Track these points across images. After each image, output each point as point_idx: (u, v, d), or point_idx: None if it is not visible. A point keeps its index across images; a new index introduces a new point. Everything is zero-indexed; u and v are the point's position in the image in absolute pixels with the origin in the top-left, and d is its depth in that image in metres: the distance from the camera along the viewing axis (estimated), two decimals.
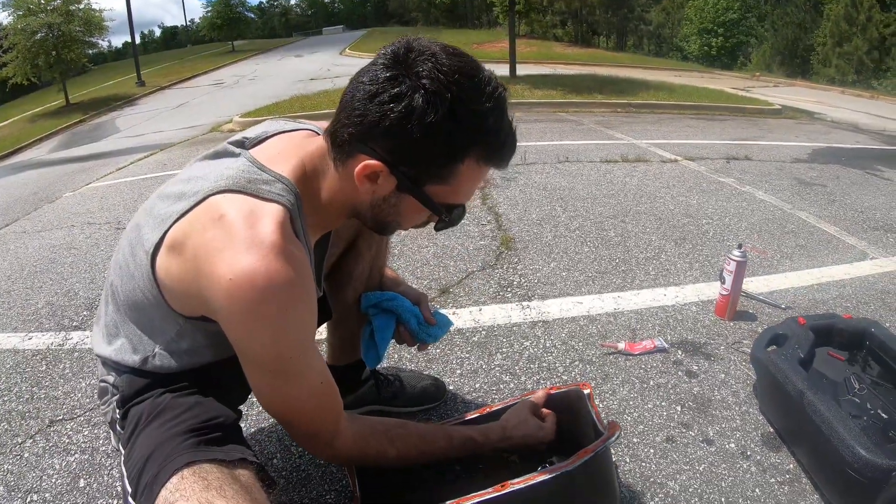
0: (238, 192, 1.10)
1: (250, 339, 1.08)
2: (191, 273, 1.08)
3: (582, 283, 3.01)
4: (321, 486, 1.70)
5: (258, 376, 1.15)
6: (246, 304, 1.02)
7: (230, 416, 1.23)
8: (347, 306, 1.75)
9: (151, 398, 1.22)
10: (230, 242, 1.03)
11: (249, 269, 1.01)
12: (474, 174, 1.14)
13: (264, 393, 1.17)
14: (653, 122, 8.76)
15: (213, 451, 1.08)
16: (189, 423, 1.13)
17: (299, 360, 1.14)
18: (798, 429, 1.81)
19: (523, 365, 2.27)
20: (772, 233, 3.89)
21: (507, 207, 4.15)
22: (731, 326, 2.62)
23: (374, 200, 1.16)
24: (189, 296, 1.12)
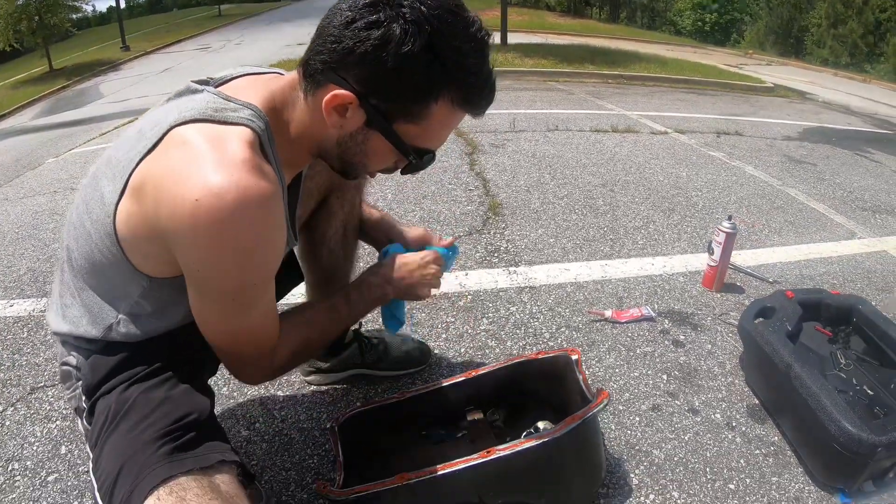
0: (204, 120, 1.02)
1: (214, 267, 1.01)
2: (150, 207, 0.99)
3: (569, 250, 2.97)
4: (304, 450, 1.67)
5: (211, 305, 1.09)
6: (214, 227, 0.94)
7: (203, 407, 1.14)
8: (323, 268, 1.70)
9: (118, 391, 1.14)
10: (195, 163, 0.96)
11: (218, 188, 0.93)
12: (447, 117, 1.09)
13: (212, 323, 1.12)
14: (644, 94, 8.69)
15: (188, 459, 1.01)
16: (160, 426, 1.05)
17: (259, 289, 1.09)
18: (784, 401, 1.80)
19: (509, 330, 2.23)
20: (760, 208, 3.86)
21: (495, 173, 4.09)
22: (719, 298, 2.60)
23: (341, 136, 1.10)
24: (150, 239, 1.03)
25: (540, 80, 9.16)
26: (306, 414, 1.80)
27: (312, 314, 1.35)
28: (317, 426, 1.74)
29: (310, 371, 1.91)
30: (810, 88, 11.90)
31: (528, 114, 6.16)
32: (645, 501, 1.55)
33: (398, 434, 1.61)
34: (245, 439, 1.68)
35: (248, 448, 1.65)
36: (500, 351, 2.10)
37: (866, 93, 12.53)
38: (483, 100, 1.11)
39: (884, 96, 12.27)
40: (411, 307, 2.33)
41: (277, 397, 1.86)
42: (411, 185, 3.75)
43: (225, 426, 1.66)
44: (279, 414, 1.80)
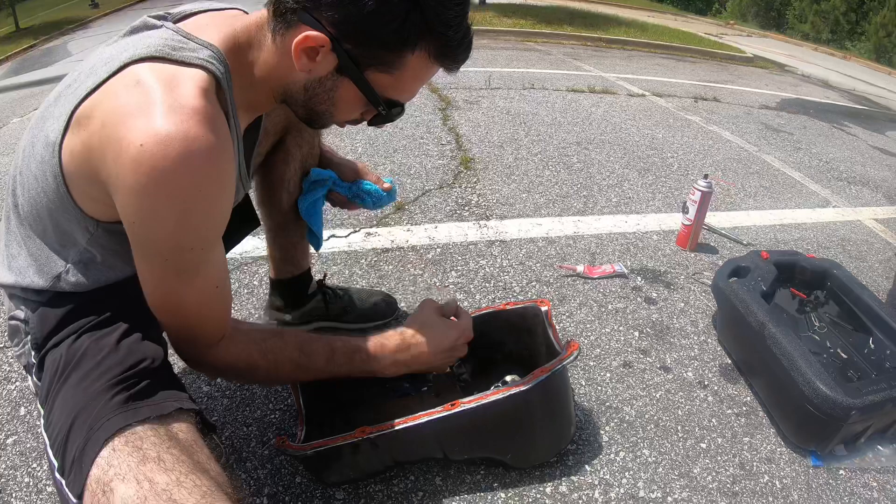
0: (160, 59, 0.94)
1: (151, 220, 0.93)
2: (96, 145, 0.92)
3: (542, 205, 2.90)
4: (266, 405, 1.58)
5: (148, 265, 1.00)
6: (154, 175, 0.87)
7: (157, 353, 1.08)
8: (283, 212, 1.61)
9: (67, 342, 1.06)
10: (145, 106, 0.88)
11: (164, 135, 0.86)
12: (421, 69, 1.04)
13: (151, 286, 1.03)
14: (622, 57, 8.58)
15: (144, 406, 0.94)
16: (113, 374, 0.98)
17: (200, 254, 1.00)
18: (758, 361, 1.76)
19: (478, 283, 2.16)
20: (736, 171, 3.83)
21: (469, 129, 3.98)
22: (692, 257, 2.55)
23: (309, 82, 1.03)
24: (92, 177, 0.95)
25: (517, 40, 8.99)
26: None
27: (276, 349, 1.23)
28: None
29: (272, 323, 1.83)
30: (789, 61, 11.87)
31: (504, 72, 6.04)
32: (615, 458, 1.50)
33: (361, 388, 1.52)
34: (206, 395, 1.59)
35: (208, 404, 1.57)
36: (469, 304, 2.03)
37: (845, 69, 12.55)
38: (460, 55, 1.05)
39: (862, 73, 12.30)
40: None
41: None
42: (382, 138, 3.63)
43: (186, 381, 1.59)
44: None
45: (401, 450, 1.31)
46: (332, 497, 1.33)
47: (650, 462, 1.51)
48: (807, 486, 1.52)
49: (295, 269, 1.75)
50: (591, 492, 1.40)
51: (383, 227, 2.51)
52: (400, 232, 2.47)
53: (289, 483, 1.36)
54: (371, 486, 1.36)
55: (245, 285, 2.02)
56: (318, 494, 1.34)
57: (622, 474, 1.46)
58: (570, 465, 1.46)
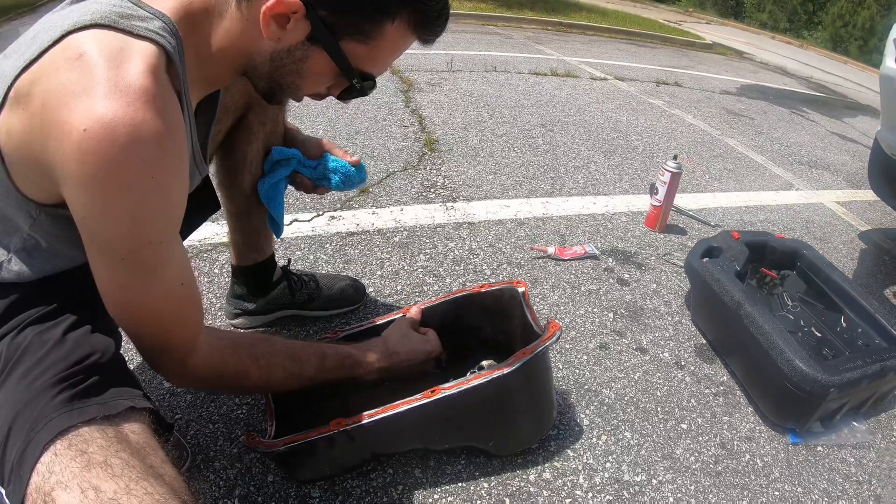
0: (106, 27, 0.84)
1: (102, 215, 0.84)
2: (36, 127, 0.83)
3: (509, 187, 2.85)
4: (231, 400, 1.48)
5: (105, 267, 0.91)
6: (102, 165, 0.78)
7: (107, 346, 0.98)
8: (245, 195, 1.51)
9: (9, 337, 0.96)
10: (89, 86, 0.79)
11: (109, 119, 0.77)
12: (398, 41, 0.98)
13: (110, 291, 0.93)
14: (583, 42, 8.56)
15: (91, 406, 0.86)
16: (57, 370, 0.89)
17: (160, 249, 0.91)
18: (734, 340, 1.75)
19: (448, 266, 2.10)
20: (700, 154, 3.85)
21: (432, 111, 3.90)
22: (662, 238, 2.54)
23: (276, 51, 0.95)
24: (33, 162, 0.86)
25: (478, 24, 8.90)
26: None
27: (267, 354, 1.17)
28: None
29: (235, 314, 1.72)
30: (748, 49, 12.01)
31: (466, 55, 5.97)
32: (597, 442, 1.46)
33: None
34: (167, 391, 1.49)
35: (170, 401, 1.47)
36: (439, 288, 1.97)
37: (802, 57, 12.76)
38: (439, 26, 1.00)
39: (819, 62, 12.53)
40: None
41: None
42: (344, 119, 3.54)
43: (144, 378, 1.50)
44: None
45: (379, 442, 1.25)
46: (307, 495, 1.26)
47: (632, 445, 1.48)
48: (787, 462, 1.52)
49: (258, 255, 1.65)
50: (576, 477, 1.36)
51: (347, 210, 2.42)
52: (365, 215, 2.39)
53: (261, 482, 1.28)
54: (348, 481, 1.30)
55: (205, 273, 1.91)
56: (293, 493, 1.26)
57: (605, 458, 1.43)
58: (552, 451, 1.41)
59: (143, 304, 0.94)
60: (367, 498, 1.27)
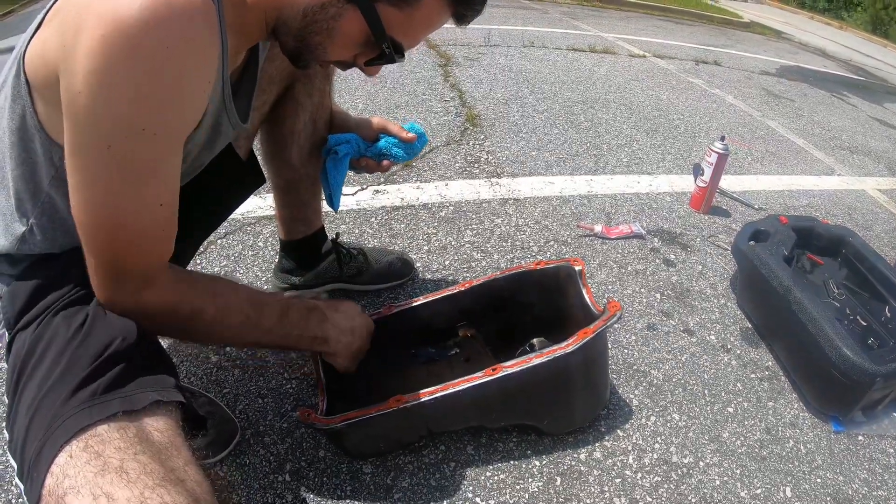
0: None
1: (100, 86, 0.74)
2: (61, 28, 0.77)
3: (552, 163, 2.84)
4: (280, 374, 1.49)
5: (84, 156, 0.80)
6: (115, 28, 0.71)
7: (130, 327, 0.90)
8: (294, 169, 1.50)
9: (35, 324, 0.92)
10: None
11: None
12: (435, 14, 0.95)
13: (83, 187, 0.82)
14: (620, 18, 8.42)
15: (112, 400, 0.80)
16: (79, 363, 0.83)
17: (153, 144, 0.82)
18: (781, 325, 1.74)
19: (495, 242, 2.10)
20: (742, 136, 3.80)
21: (471, 86, 3.88)
22: (707, 220, 2.52)
23: (309, 6, 0.91)
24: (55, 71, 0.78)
25: None
26: None
27: (226, 295, 1.06)
28: None
29: (283, 288, 1.73)
30: (786, 28, 11.74)
31: (503, 29, 5.91)
32: (646, 423, 1.48)
33: (383, 353, 1.44)
34: (215, 365, 1.50)
35: (218, 375, 1.47)
36: (487, 264, 1.98)
37: (842, 39, 12.44)
38: (476, 7, 0.97)
39: (859, 44, 12.20)
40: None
41: None
42: (383, 94, 3.53)
43: (191, 352, 1.51)
44: None
45: (436, 419, 1.25)
46: (359, 471, 1.27)
47: (681, 426, 1.49)
48: (829, 451, 1.52)
49: (307, 228, 1.64)
50: (626, 457, 1.38)
51: (391, 184, 2.43)
52: (410, 189, 2.40)
53: (312, 457, 1.29)
54: (400, 457, 1.31)
55: (249, 247, 1.92)
56: (345, 469, 1.27)
57: (654, 439, 1.44)
58: (602, 431, 1.43)
59: (113, 213, 0.84)
60: (419, 474, 1.28)
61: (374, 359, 1.42)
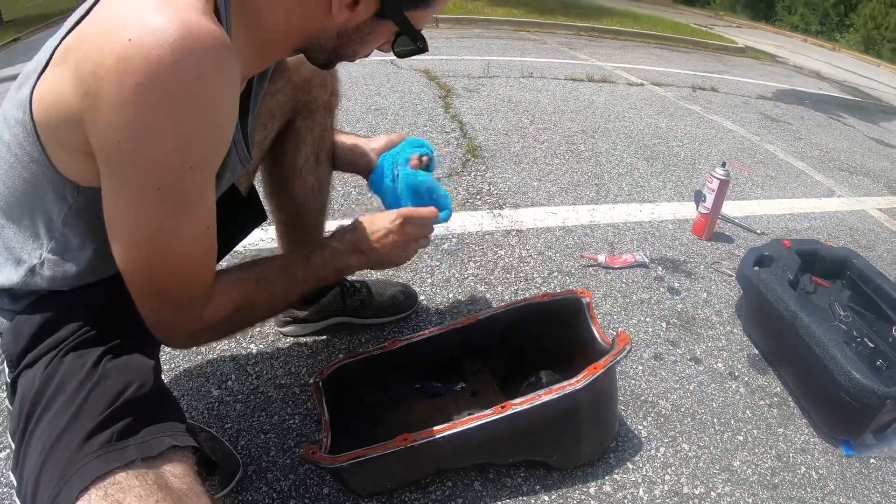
0: None
1: (144, 131, 0.75)
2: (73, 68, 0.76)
3: (554, 193, 2.85)
4: (283, 409, 1.49)
5: (129, 204, 0.81)
6: (148, 71, 0.70)
7: (146, 373, 0.90)
8: (297, 204, 1.50)
9: (43, 362, 0.90)
10: (133, 8, 0.74)
11: (160, 24, 0.71)
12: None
13: (129, 233, 0.84)
14: (616, 47, 8.53)
15: (129, 447, 0.78)
16: (94, 409, 0.82)
17: (200, 179, 0.83)
18: (789, 350, 1.74)
19: (499, 274, 2.11)
20: (742, 161, 3.82)
21: (472, 117, 3.91)
22: (710, 246, 2.53)
23: (344, 29, 0.96)
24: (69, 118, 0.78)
25: (511, 30, 8.92)
26: (283, 369, 1.61)
27: (262, 270, 1.09)
28: (296, 382, 1.57)
29: (285, 321, 1.73)
30: (780, 52, 11.86)
31: (502, 60, 5.98)
32: (656, 454, 1.46)
33: (387, 388, 1.46)
34: (216, 399, 1.50)
35: (220, 410, 1.47)
36: (491, 296, 1.98)
37: (835, 60, 12.57)
38: None
39: (852, 65, 12.33)
40: None
41: (250, 351, 1.66)
42: (384, 126, 3.57)
43: (193, 386, 1.51)
44: (253, 370, 1.60)
45: (444, 457, 1.24)
46: None
47: (690, 457, 1.47)
48: (841, 475, 1.51)
49: None
50: (636, 490, 1.36)
51: None
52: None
53: (316, 495, 1.28)
54: (406, 494, 1.29)
55: None
56: None
57: (664, 470, 1.43)
58: (612, 464, 1.42)
59: (170, 250, 0.86)
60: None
61: (378, 393, 1.42)
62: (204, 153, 0.82)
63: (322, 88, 1.41)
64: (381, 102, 3.92)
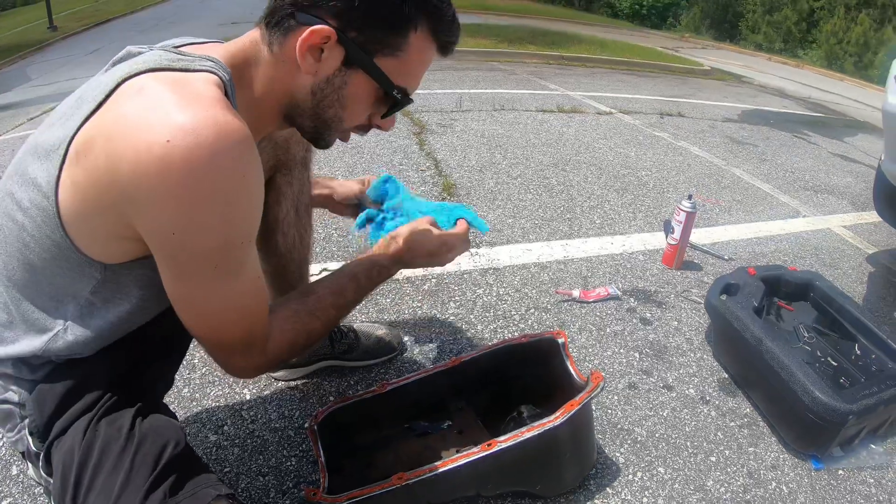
0: (161, 69, 0.88)
1: (193, 224, 0.84)
2: (103, 167, 0.81)
3: (529, 230, 2.95)
4: (279, 451, 1.55)
5: (189, 281, 0.91)
6: (191, 171, 0.78)
7: (178, 432, 0.99)
8: (280, 255, 1.57)
9: (76, 432, 0.96)
10: (156, 107, 0.81)
11: (192, 125, 0.78)
12: (423, 51, 1.02)
13: (193, 303, 0.95)
14: (585, 74, 8.72)
15: (182, 500, 0.90)
16: (142, 471, 0.90)
17: (245, 249, 0.93)
18: (756, 374, 1.84)
19: (478, 313, 2.20)
20: (709, 187, 3.95)
21: (447, 153, 4.03)
22: (679, 275, 2.63)
23: (316, 84, 0.99)
24: (103, 208, 0.85)
25: (481, 60, 9.06)
26: (277, 412, 1.67)
27: (317, 302, 1.17)
28: (290, 425, 1.63)
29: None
30: (746, 72, 12.15)
31: (474, 93, 6.11)
32: (633, 479, 1.55)
33: (378, 428, 1.54)
34: (214, 444, 1.55)
35: (218, 454, 1.52)
36: (472, 335, 2.06)
37: (799, 77, 12.90)
38: (453, 33, 1.04)
39: (816, 81, 12.66)
40: None
41: (244, 397, 1.73)
42: (361, 165, 3.67)
43: (190, 432, 1.57)
44: (248, 414, 1.66)
45: (437, 492, 1.32)
46: None
47: (666, 479, 1.56)
48: (811, 488, 1.61)
49: None
50: None
51: None
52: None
53: None
54: None
55: None
56: None
57: (642, 494, 1.51)
58: (592, 490, 1.50)
59: (226, 307, 0.96)
60: None
61: (370, 434, 1.50)
62: (247, 229, 0.92)
63: (300, 145, 1.49)
64: (357, 140, 3.98)
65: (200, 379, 1.76)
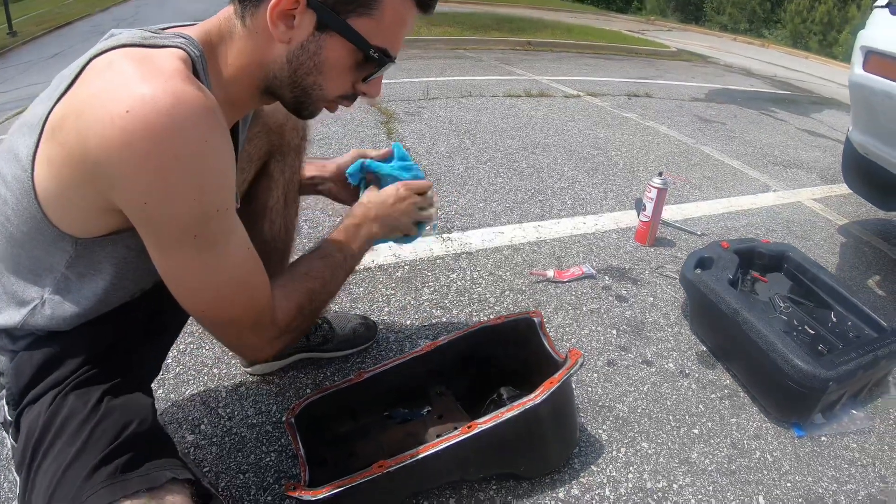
0: (130, 45, 0.88)
1: (165, 191, 0.83)
2: (74, 142, 0.82)
3: (500, 213, 2.93)
4: (258, 448, 1.51)
5: (177, 254, 0.91)
6: (153, 139, 0.79)
7: (145, 410, 0.99)
8: (264, 242, 1.54)
9: (45, 400, 0.96)
10: (121, 81, 0.81)
11: (151, 95, 0.78)
12: (400, 8, 0.98)
13: (184, 279, 0.94)
14: (552, 59, 8.71)
15: (133, 479, 0.86)
16: (98, 444, 0.89)
17: (226, 217, 0.92)
18: (734, 346, 1.84)
19: (453, 298, 2.17)
20: (679, 165, 3.97)
21: (415, 141, 3.98)
22: (653, 252, 2.63)
23: (290, 52, 0.96)
24: (78, 183, 0.85)
25: (448, 48, 9.03)
26: (254, 408, 1.63)
27: (308, 265, 1.17)
28: (268, 420, 1.59)
29: (251, 361, 1.75)
30: (712, 52, 12.27)
31: (440, 81, 6.07)
32: (617, 455, 1.54)
33: (357, 418, 1.51)
34: (192, 444, 1.51)
35: (196, 454, 1.48)
36: (448, 320, 2.04)
37: (765, 56, 13.06)
38: None
39: (781, 59, 12.86)
40: None
41: (220, 394, 1.68)
42: (330, 155, 3.61)
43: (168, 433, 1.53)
44: (224, 412, 1.62)
45: (419, 479, 1.29)
46: None
47: (650, 454, 1.56)
48: (795, 455, 1.62)
49: None
50: (602, 490, 1.44)
51: None
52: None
53: None
54: None
55: None
56: None
57: (627, 469, 1.50)
58: (577, 468, 1.49)
59: (224, 280, 0.95)
60: None
61: (349, 424, 1.47)
62: (222, 195, 0.90)
63: (294, 133, 1.47)
64: (325, 132, 3.95)
65: (175, 379, 1.71)
